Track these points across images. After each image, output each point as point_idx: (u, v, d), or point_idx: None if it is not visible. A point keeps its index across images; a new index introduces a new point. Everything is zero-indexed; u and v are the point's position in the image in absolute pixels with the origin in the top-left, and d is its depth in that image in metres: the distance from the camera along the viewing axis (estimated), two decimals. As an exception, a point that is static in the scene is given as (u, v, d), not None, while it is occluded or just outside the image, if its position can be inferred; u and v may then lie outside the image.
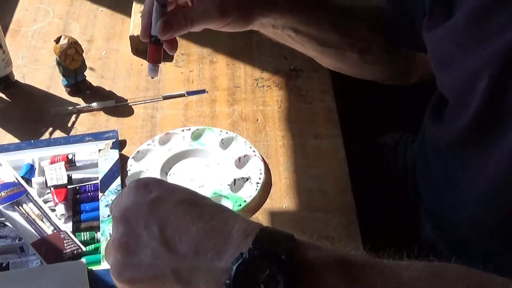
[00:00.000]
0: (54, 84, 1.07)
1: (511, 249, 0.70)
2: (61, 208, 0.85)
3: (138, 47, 1.12)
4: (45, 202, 0.86)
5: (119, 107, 1.03)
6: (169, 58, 1.11)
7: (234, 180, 0.88)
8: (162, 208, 0.54)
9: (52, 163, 0.91)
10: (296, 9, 0.81)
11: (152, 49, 0.79)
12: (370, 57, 0.90)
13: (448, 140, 0.76)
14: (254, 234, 0.51)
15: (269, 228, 0.52)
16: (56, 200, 0.86)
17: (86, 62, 1.05)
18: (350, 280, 0.49)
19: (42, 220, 0.83)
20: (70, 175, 0.90)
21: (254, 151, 0.92)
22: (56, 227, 0.82)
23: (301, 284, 0.48)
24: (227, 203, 0.85)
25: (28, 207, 0.84)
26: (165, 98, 1.04)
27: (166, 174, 0.91)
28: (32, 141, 0.96)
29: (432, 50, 0.77)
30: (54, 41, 1.01)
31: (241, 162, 0.91)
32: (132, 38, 1.11)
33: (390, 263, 0.51)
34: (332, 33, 0.85)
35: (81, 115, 1.02)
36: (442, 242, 0.82)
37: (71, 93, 1.05)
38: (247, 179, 0.89)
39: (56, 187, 0.87)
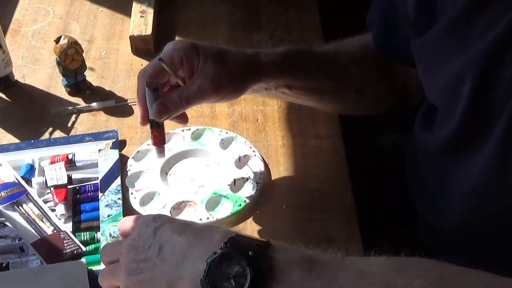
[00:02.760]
0: (54, 84, 1.07)
1: (504, 251, 0.70)
2: (61, 208, 0.85)
3: (138, 47, 1.12)
4: (45, 202, 0.86)
5: (119, 107, 1.03)
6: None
7: (234, 180, 0.88)
8: (164, 234, 0.61)
9: (52, 163, 0.91)
10: (286, 69, 0.83)
11: (154, 132, 0.80)
12: (367, 93, 0.92)
13: (437, 146, 0.77)
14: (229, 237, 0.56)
15: (245, 235, 0.57)
16: (56, 200, 0.86)
17: (86, 62, 1.05)
18: (314, 278, 0.53)
19: (42, 220, 0.83)
20: (70, 175, 0.90)
21: (254, 151, 0.92)
22: (56, 227, 0.82)
23: (268, 281, 0.53)
24: (227, 203, 0.85)
25: (28, 207, 0.84)
26: (165, 98, 1.04)
27: (166, 174, 0.91)
28: (32, 141, 0.96)
29: (418, 59, 0.78)
30: (54, 41, 1.01)
31: (241, 162, 0.91)
32: (132, 38, 1.11)
33: (356, 260, 0.55)
34: (325, 80, 0.87)
35: (81, 115, 1.02)
36: (437, 243, 0.83)
37: (71, 93, 1.05)
38: (247, 179, 0.89)
39: (56, 187, 0.87)
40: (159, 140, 0.81)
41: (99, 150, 0.93)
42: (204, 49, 0.79)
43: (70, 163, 0.91)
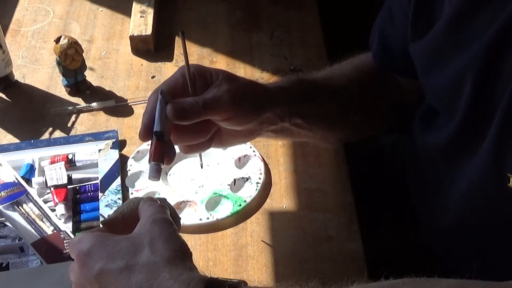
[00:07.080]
0: (54, 84, 1.07)
1: (500, 249, 0.71)
2: (61, 208, 0.85)
3: (138, 47, 1.12)
4: (45, 202, 0.86)
5: (119, 107, 1.03)
6: (169, 58, 1.11)
7: (234, 180, 0.88)
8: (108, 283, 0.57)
9: (52, 163, 0.91)
10: (294, 95, 0.79)
11: (156, 144, 0.68)
12: (370, 113, 0.89)
13: (439, 147, 0.77)
14: None
15: (210, 280, 0.54)
16: (56, 200, 0.86)
17: (86, 62, 1.05)
18: None
19: (42, 220, 0.83)
20: (70, 175, 0.90)
21: (254, 151, 0.92)
22: (56, 227, 0.82)
23: None
24: (227, 203, 0.85)
25: (28, 207, 0.84)
26: (165, 98, 1.04)
27: (166, 174, 0.91)
28: (32, 141, 0.96)
29: (417, 63, 0.78)
30: (54, 41, 1.01)
31: (241, 162, 0.91)
32: (132, 38, 1.11)
33: None
34: (331, 105, 0.84)
35: (81, 115, 1.02)
36: (435, 242, 0.83)
37: (71, 93, 1.05)
38: (247, 179, 0.89)
39: (56, 187, 0.87)
40: (159, 155, 0.67)
41: (99, 150, 0.93)
42: (215, 69, 0.75)
43: (70, 163, 0.91)
